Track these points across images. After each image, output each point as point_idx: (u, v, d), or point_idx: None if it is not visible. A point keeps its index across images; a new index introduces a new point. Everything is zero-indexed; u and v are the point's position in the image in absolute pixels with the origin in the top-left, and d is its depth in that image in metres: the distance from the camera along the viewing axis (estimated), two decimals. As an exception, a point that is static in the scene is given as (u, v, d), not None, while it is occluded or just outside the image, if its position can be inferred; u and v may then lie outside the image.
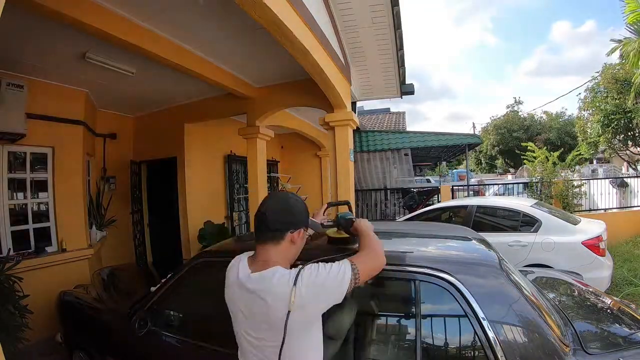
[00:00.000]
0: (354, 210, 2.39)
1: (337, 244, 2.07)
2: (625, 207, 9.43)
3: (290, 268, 1.44)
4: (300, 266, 1.40)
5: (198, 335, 2.39)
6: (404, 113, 16.60)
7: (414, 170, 12.14)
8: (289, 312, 1.30)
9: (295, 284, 1.32)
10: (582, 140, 16.39)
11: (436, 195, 10.09)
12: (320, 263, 1.44)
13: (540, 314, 1.81)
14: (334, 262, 1.47)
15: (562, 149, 11.26)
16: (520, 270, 2.85)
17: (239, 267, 1.49)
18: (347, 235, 1.98)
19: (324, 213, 2.22)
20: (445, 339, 1.80)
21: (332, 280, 1.39)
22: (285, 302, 1.31)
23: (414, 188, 10.58)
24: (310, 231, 1.95)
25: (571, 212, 7.58)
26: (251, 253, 1.56)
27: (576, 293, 2.87)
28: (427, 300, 1.86)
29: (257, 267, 1.43)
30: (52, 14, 2.90)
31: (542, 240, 4.92)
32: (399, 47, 5.33)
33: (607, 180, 9.90)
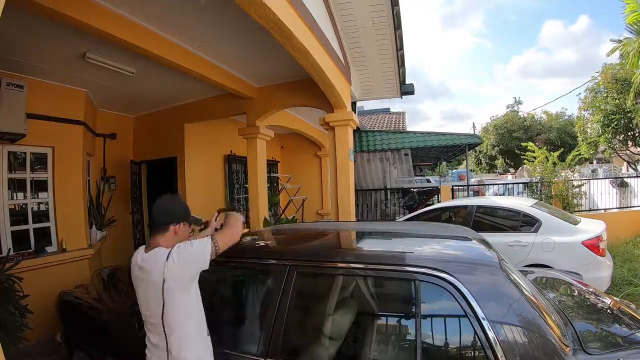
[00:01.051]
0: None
1: None
2: (625, 207, 9.42)
3: None
4: (174, 246, 1.86)
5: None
6: (404, 113, 16.59)
7: (414, 170, 12.15)
8: (164, 280, 1.76)
9: (167, 258, 1.79)
10: (582, 140, 16.37)
11: (436, 196, 10.09)
12: (188, 241, 1.94)
13: (540, 314, 1.81)
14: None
15: (562, 149, 11.24)
16: (520, 270, 2.85)
17: (138, 253, 1.93)
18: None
19: (215, 219, 2.67)
20: (445, 339, 1.80)
21: (196, 249, 1.88)
22: (160, 273, 1.77)
23: (414, 188, 10.57)
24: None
25: (571, 212, 7.58)
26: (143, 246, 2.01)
27: (576, 293, 2.87)
28: (427, 300, 1.86)
29: (148, 250, 1.89)
30: (52, 14, 2.90)
31: (542, 240, 4.91)
32: (399, 47, 5.33)
33: (607, 180, 9.90)
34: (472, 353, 1.72)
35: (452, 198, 9.65)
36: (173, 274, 1.78)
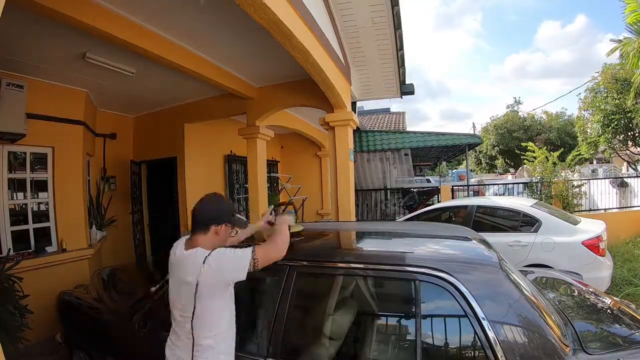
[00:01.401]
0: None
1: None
2: (625, 207, 9.42)
3: None
4: (212, 250, 1.82)
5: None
6: (403, 113, 16.59)
7: (414, 170, 12.16)
8: (197, 283, 1.72)
9: (204, 262, 1.75)
10: (582, 140, 16.38)
11: (436, 195, 10.09)
12: (226, 248, 1.89)
13: (540, 314, 1.81)
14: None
15: (562, 149, 11.24)
16: (520, 270, 2.85)
17: (178, 246, 1.93)
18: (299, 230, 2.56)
19: (270, 213, 2.57)
20: (445, 339, 1.80)
21: (233, 259, 1.81)
22: (195, 275, 1.73)
23: (414, 188, 10.57)
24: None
25: (571, 212, 7.58)
26: (184, 239, 1.98)
27: (576, 293, 2.87)
28: (427, 300, 1.86)
29: (188, 248, 1.86)
30: (52, 14, 2.90)
31: (542, 240, 4.91)
32: (399, 47, 5.33)
33: (607, 180, 9.90)
34: (472, 353, 1.72)
35: (452, 198, 9.66)
36: (207, 279, 1.74)
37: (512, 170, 30.16)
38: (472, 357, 1.74)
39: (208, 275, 1.74)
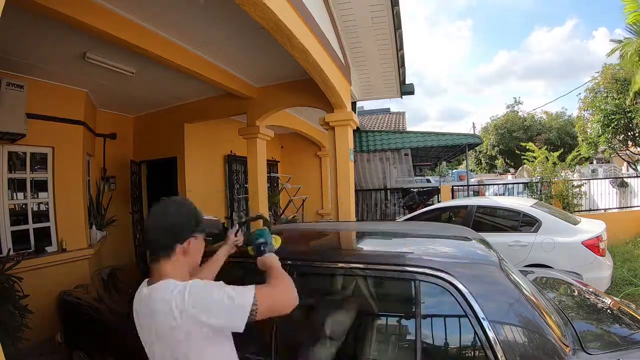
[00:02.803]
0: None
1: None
2: (625, 207, 9.42)
3: (190, 279, 1.35)
4: (187, 285, 1.26)
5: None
6: (403, 113, 16.61)
7: (414, 170, 12.16)
8: (173, 326, 1.21)
9: (182, 298, 1.21)
10: (582, 140, 16.37)
11: (436, 195, 10.10)
12: (210, 282, 1.33)
13: (540, 314, 1.81)
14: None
15: (562, 149, 11.25)
16: (520, 271, 2.85)
17: (140, 288, 1.42)
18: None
19: (235, 234, 2.12)
20: (446, 339, 1.80)
21: (220, 304, 1.24)
22: (174, 330, 1.21)
23: (414, 188, 10.58)
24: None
25: (571, 212, 7.58)
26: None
27: (576, 293, 2.87)
28: (427, 300, 1.86)
29: (151, 283, 1.37)
30: (53, 14, 2.90)
31: (542, 240, 4.91)
32: (399, 48, 5.33)
33: (607, 180, 9.89)
34: (472, 353, 1.72)
35: (452, 198, 9.66)
36: (187, 324, 1.21)
37: (512, 170, 30.16)
38: (472, 357, 1.74)
39: (188, 320, 1.21)
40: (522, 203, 5.65)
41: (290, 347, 2.07)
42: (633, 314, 2.29)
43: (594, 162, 21.09)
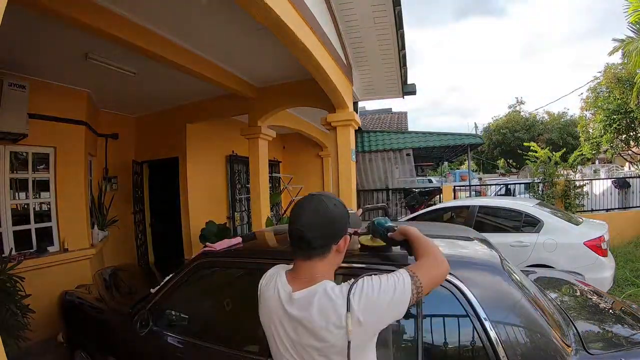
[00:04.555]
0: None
1: (371, 253, 1.95)
2: (628, 208, 9.40)
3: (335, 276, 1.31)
4: (350, 284, 1.18)
5: (200, 335, 2.39)
6: (405, 113, 16.60)
7: (416, 170, 12.16)
8: (349, 342, 1.11)
9: (349, 309, 1.11)
10: (585, 140, 16.35)
11: (439, 195, 10.09)
12: (372, 277, 1.21)
13: (542, 314, 1.81)
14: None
15: (565, 149, 11.22)
16: (522, 271, 2.84)
17: (277, 283, 1.30)
18: (383, 244, 1.82)
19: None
20: (447, 339, 1.79)
21: (389, 297, 1.16)
22: (341, 332, 1.11)
23: (415, 188, 10.57)
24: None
25: (573, 213, 7.57)
26: (288, 267, 1.39)
27: (578, 293, 2.86)
28: (428, 301, 1.84)
29: (301, 284, 1.24)
30: (54, 14, 2.91)
31: (544, 240, 4.90)
32: (401, 47, 5.32)
33: (609, 181, 9.87)
34: (474, 353, 1.71)
35: (454, 198, 9.65)
36: (360, 332, 1.13)
37: (514, 170, 30.13)
38: (473, 358, 1.73)
39: (361, 328, 1.13)
40: (524, 203, 5.65)
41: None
42: (635, 314, 2.28)
43: (596, 162, 21.05)
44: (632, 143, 14.16)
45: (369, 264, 2.00)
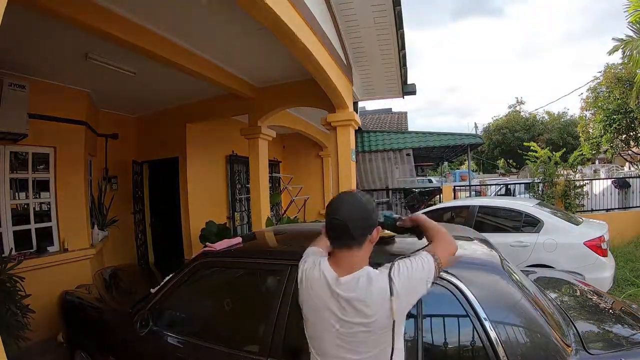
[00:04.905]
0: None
1: (381, 243, 1.95)
2: (628, 208, 9.40)
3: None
4: (389, 268, 1.37)
5: (200, 334, 2.39)
6: (405, 113, 16.60)
7: (416, 170, 12.17)
8: (393, 321, 1.30)
9: (392, 292, 1.29)
10: (585, 140, 16.35)
11: (438, 195, 10.10)
12: (405, 259, 1.41)
13: (542, 314, 1.81)
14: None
15: (565, 149, 11.22)
16: (522, 271, 2.84)
17: (322, 268, 1.43)
18: (392, 234, 2.03)
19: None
20: (447, 339, 1.79)
21: (421, 275, 1.37)
22: (387, 313, 1.29)
23: (416, 188, 10.57)
24: None
25: (573, 213, 7.57)
26: (324, 253, 1.56)
27: (578, 293, 2.87)
28: (429, 301, 1.85)
29: (344, 271, 1.39)
30: (54, 14, 2.91)
31: (544, 240, 4.91)
32: (401, 48, 5.32)
33: (609, 181, 9.87)
34: (474, 353, 1.72)
35: (454, 198, 9.66)
36: (401, 312, 1.34)
37: (514, 170, 30.13)
38: (473, 357, 1.73)
39: (402, 308, 1.34)
40: (524, 203, 5.65)
41: (291, 347, 2.07)
42: (635, 314, 2.28)
43: (596, 162, 21.06)
44: (632, 143, 14.16)
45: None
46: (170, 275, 2.73)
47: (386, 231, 1.91)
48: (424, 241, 1.69)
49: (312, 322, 1.45)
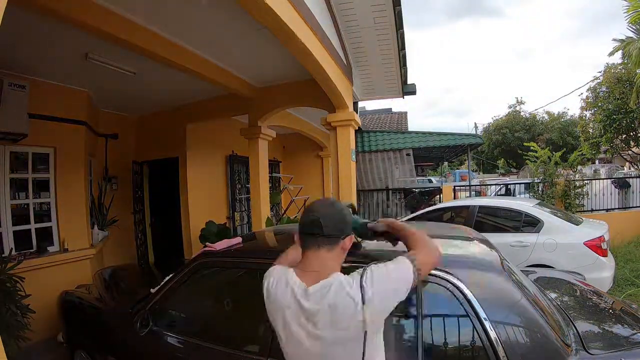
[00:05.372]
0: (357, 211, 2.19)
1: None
2: (628, 208, 9.40)
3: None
4: (360, 274, 1.28)
5: (199, 334, 2.39)
6: (405, 113, 16.60)
7: (416, 170, 12.16)
8: (365, 332, 1.22)
9: (364, 301, 1.20)
10: (584, 140, 16.35)
11: (438, 195, 10.09)
12: (378, 265, 1.33)
13: (542, 314, 1.81)
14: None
15: (565, 149, 11.23)
16: (522, 271, 2.84)
17: (289, 281, 1.35)
18: (358, 240, 1.91)
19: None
20: (447, 339, 1.79)
21: (396, 283, 1.30)
22: (358, 324, 1.21)
23: (415, 188, 10.57)
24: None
25: (573, 213, 7.57)
26: (287, 267, 1.45)
27: (578, 293, 2.87)
28: (429, 301, 1.85)
29: (312, 278, 1.31)
30: (54, 14, 2.91)
31: (544, 240, 4.91)
32: (401, 48, 5.32)
33: (609, 181, 9.87)
34: (474, 353, 1.71)
35: (454, 198, 9.66)
36: (374, 321, 1.25)
37: (514, 170, 30.14)
38: (473, 357, 1.73)
39: (374, 319, 1.25)
40: (524, 203, 5.65)
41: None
42: (635, 314, 2.28)
43: (596, 162, 21.06)
44: (632, 143, 14.16)
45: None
46: (170, 275, 2.73)
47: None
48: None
49: (284, 339, 1.37)
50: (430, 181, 18.10)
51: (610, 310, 2.48)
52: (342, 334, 1.23)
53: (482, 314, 1.67)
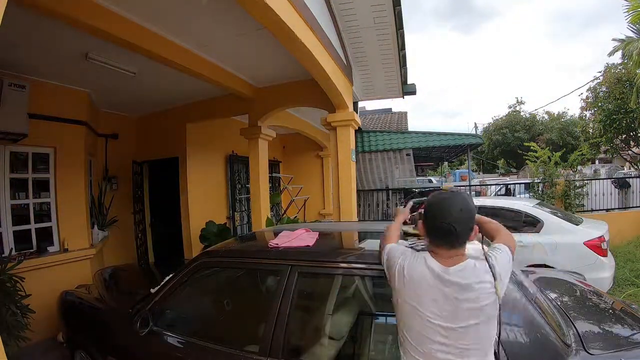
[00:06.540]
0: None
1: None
2: (628, 208, 9.39)
3: None
4: (486, 258, 1.46)
5: (199, 334, 2.39)
6: (405, 113, 16.57)
7: (416, 170, 12.14)
8: (499, 305, 1.43)
9: (495, 277, 1.41)
10: (584, 140, 16.35)
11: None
12: (490, 251, 1.54)
13: (542, 314, 1.81)
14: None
15: (565, 149, 11.22)
16: (522, 271, 2.84)
17: (427, 261, 1.50)
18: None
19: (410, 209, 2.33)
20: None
21: (507, 264, 1.51)
22: (493, 295, 1.41)
23: (415, 188, 10.56)
24: None
25: (573, 213, 7.57)
26: (421, 252, 1.59)
27: (578, 293, 2.86)
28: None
29: (449, 263, 1.47)
30: (54, 14, 2.91)
31: (544, 240, 4.91)
32: (401, 48, 5.32)
33: (609, 181, 9.87)
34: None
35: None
36: (501, 293, 1.44)
37: (514, 170, 30.13)
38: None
39: (500, 292, 1.43)
40: (524, 203, 5.65)
41: (292, 347, 2.07)
42: (635, 314, 2.28)
43: (596, 162, 21.06)
44: (632, 143, 14.15)
45: (369, 264, 2.01)
46: (171, 275, 2.73)
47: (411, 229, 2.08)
48: None
49: (417, 312, 1.48)
50: (430, 181, 18.08)
51: (610, 310, 2.48)
52: (480, 299, 1.41)
53: (482, 314, 1.67)
